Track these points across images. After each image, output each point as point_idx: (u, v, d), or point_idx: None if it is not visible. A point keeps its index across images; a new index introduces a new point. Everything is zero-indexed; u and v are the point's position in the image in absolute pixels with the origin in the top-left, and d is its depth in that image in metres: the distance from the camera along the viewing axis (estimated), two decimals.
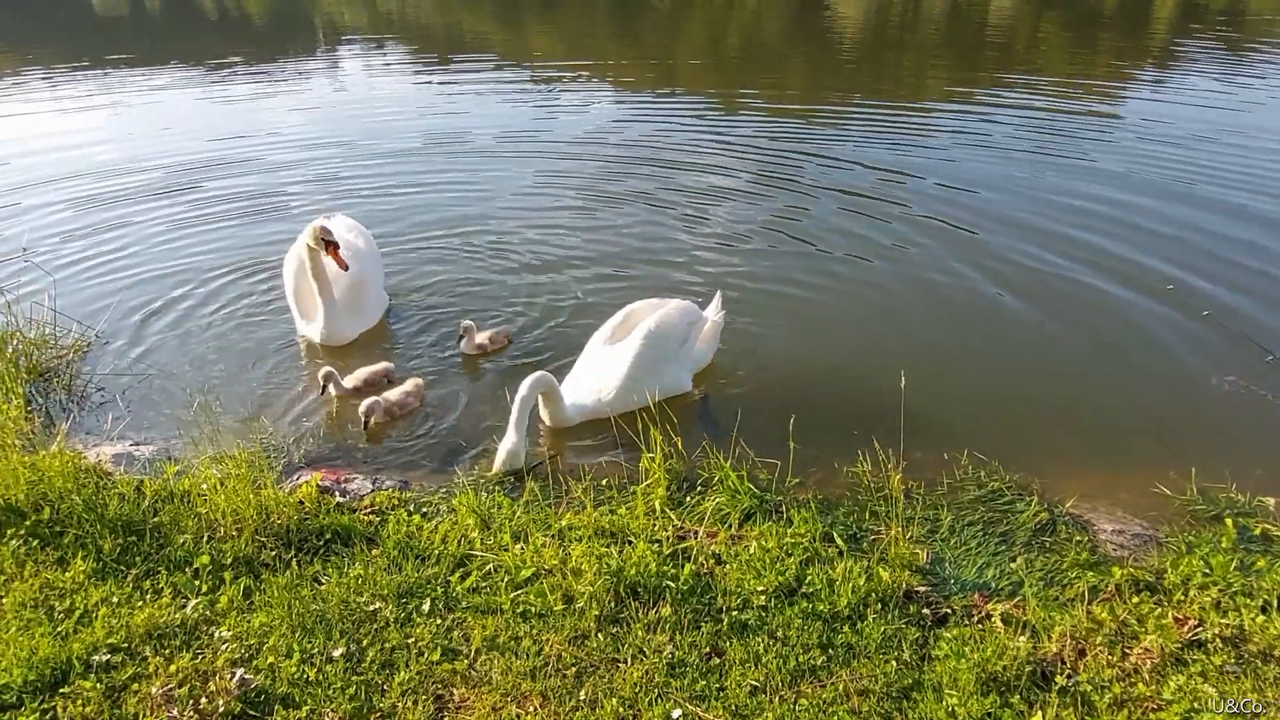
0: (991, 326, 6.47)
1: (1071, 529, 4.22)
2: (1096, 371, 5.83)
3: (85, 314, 6.44)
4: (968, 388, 5.66)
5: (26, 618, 3.46)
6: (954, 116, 12.54)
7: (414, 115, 13.39)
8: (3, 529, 3.92)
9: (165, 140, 11.83)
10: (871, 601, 3.62)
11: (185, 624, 3.46)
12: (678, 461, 4.51)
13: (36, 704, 3.08)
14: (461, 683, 3.25)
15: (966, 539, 4.16)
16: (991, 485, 4.56)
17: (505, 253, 7.77)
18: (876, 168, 9.98)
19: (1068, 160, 10.15)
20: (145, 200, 9.27)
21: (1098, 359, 5.97)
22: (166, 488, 4.25)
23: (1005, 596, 3.73)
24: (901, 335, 6.34)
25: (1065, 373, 5.81)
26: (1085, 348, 6.10)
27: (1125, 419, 5.29)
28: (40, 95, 15.50)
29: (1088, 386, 5.66)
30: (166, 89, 15.93)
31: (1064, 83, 14.90)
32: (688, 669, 3.28)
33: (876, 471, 4.47)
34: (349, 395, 5.37)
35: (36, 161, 10.86)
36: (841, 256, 7.63)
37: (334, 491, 4.44)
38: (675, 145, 11.24)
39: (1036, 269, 7.22)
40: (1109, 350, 6.05)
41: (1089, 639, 3.41)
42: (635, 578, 3.67)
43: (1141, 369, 5.82)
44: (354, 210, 8.32)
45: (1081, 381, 5.72)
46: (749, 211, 8.78)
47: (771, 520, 4.16)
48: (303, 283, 6.14)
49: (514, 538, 3.99)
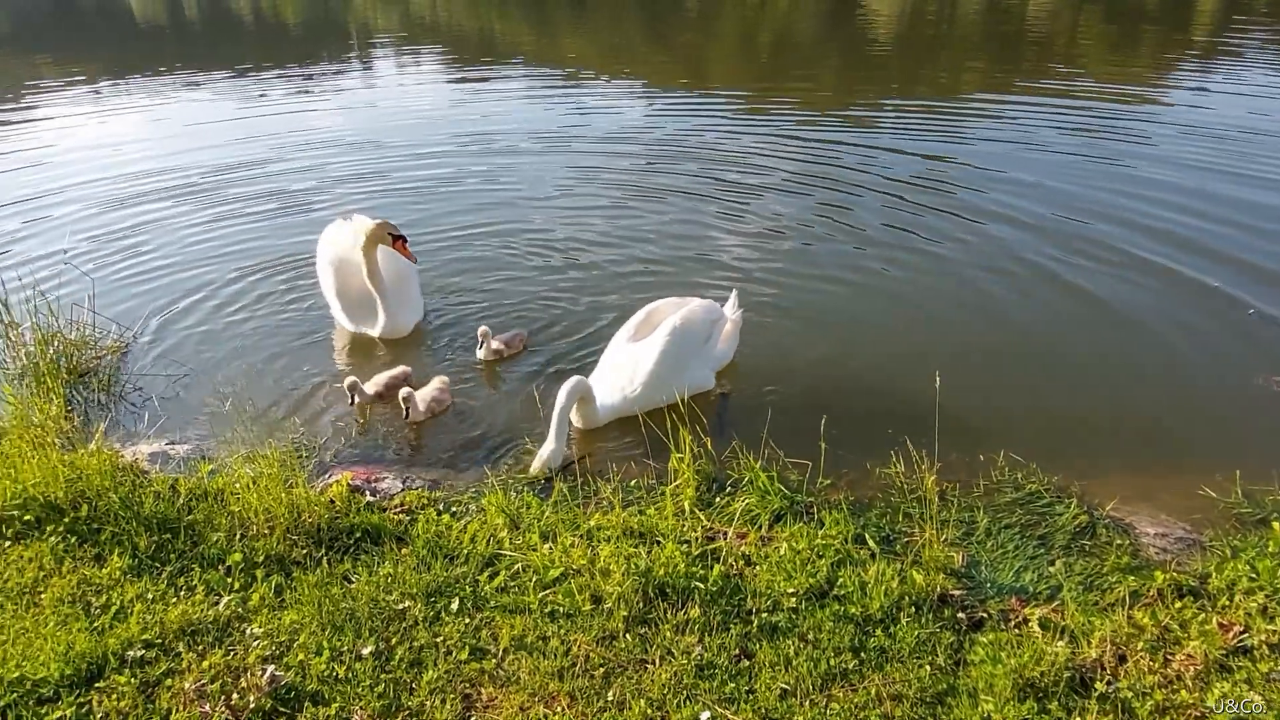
0: (1028, 325, 6.34)
1: (1112, 532, 4.12)
2: (1138, 371, 5.69)
3: (124, 314, 6.56)
4: (1005, 387, 5.55)
5: (64, 613, 3.52)
6: (992, 114, 12.37)
7: (445, 116, 13.51)
8: (42, 525, 4.00)
9: (202, 143, 12.01)
10: (905, 605, 3.56)
11: (218, 621, 3.49)
12: (707, 463, 4.47)
13: (73, 698, 3.12)
14: (489, 682, 3.24)
15: (1003, 542, 4.07)
16: (1029, 487, 4.46)
17: (534, 252, 7.79)
18: (912, 165, 9.86)
19: (1108, 159, 9.93)
20: (182, 202, 9.43)
21: (1140, 358, 5.83)
22: (201, 486, 4.31)
23: (1043, 601, 3.65)
24: (937, 333, 6.25)
25: (1106, 372, 5.68)
26: (1126, 347, 5.96)
27: (1168, 420, 5.15)
28: (83, 101, 15.84)
29: (1129, 387, 5.52)
30: (204, 94, 16.21)
31: (1105, 79, 14.61)
32: (717, 671, 3.25)
33: (910, 473, 4.40)
34: (372, 401, 5.39)
35: (78, 166, 11.09)
36: (876, 254, 7.56)
37: (364, 490, 4.47)
38: (708, 144, 11.21)
39: (1076, 267, 7.07)
40: (1151, 349, 5.90)
41: (1130, 645, 3.32)
42: (664, 578, 3.64)
43: (1185, 369, 5.68)
44: (387, 209, 8.42)
45: (1123, 381, 5.58)
46: (783, 209, 8.72)
47: (802, 522, 4.11)
48: (347, 282, 6.21)
49: (542, 538, 3.98)
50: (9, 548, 3.91)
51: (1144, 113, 12.22)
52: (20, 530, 3.99)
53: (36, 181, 10.44)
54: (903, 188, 9.14)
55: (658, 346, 5.20)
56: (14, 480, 4.13)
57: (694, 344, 5.39)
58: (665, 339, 5.22)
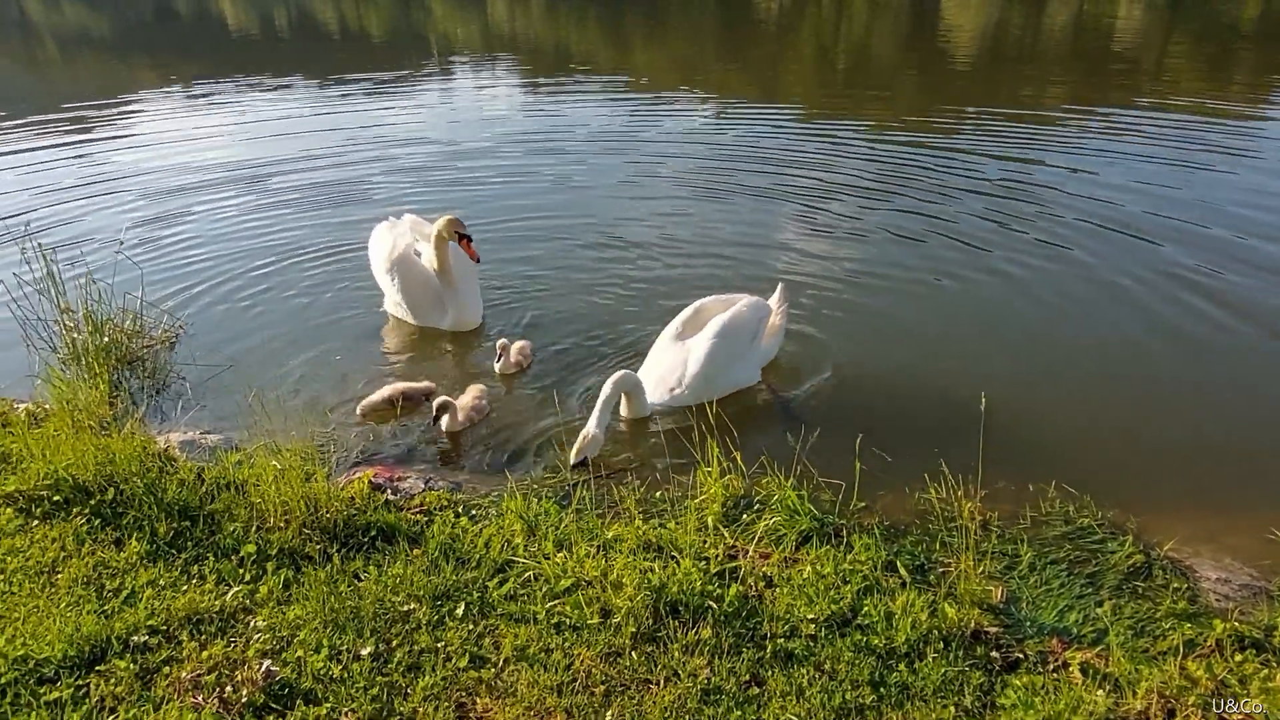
0: (1091, 349, 5.98)
1: (1169, 574, 3.80)
2: (1207, 405, 5.31)
3: (176, 306, 6.72)
4: (1061, 414, 5.23)
5: (77, 594, 3.54)
6: (1074, 133, 11.85)
7: (519, 124, 13.60)
8: (70, 507, 4.05)
9: (278, 144, 12.35)
10: (933, 639, 3.32)
11: (224, 611, 3.46)
12: (736, 477, 4.30)
13: (72, 679, 3.12)
14: (486, 692, 3.13)
15: (1048, 578, 3.79)
16: (1081, 521, 4.16)
17: (592, 249, 7.88)
18: (987, 181, 9.52)
19: (1193, 185, 9.33)
20: (247, 199, 9.67)
21: (1209, 391, 5.45)
22: (225, 476, 4.31)
23: (1087, 644, 3.37)
24: (992, 352, 6.01)
25: (1172, 405, 5.32)
26: (1196, 379, 5.60)
27: (1238, 457, 4.77)
28: (172, 101, 16.50)
29: (1196, 421, 5.14)
30: (286, 97, 16.69)
31: (1197, 101, 13.88)
32: (724, 697, 3.07)
33: (950, 499, 4.14)
34: (383, 407, 5.33)
35: (164, 164, 11.49)
36: (936, 267, 7.32)
37: (385, 489, 4.42)
38: (777, 150, 11.16)
39: (1148, 294, 6.66)
40: (1221, 383, 5.52)
41: (1180, 698, 3.03)
42: (677, 595, 3.48)
43: (1259, 405, 5.27)
44: (449, 207, 8.49)
45: (1190, 415, 5.21)
46: (848, 217, 8.60)
47: (830, 544, 3.90)
48: (409, 278, 6.24)
49: (557, 546, 3.86)
50: (35, 526, 3.97)
51: (1237, 136, 11.54)
52: (48, 510, 4.05)
53: (114, 174, 10.92)
54: (976, 203, 8.86)
55: (705, 348, 5.21)
56: (48, 461, 4.20)
57: (742, 343, 5.37)
58: (713, 340, 5.21)
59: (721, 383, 5.30)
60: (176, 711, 2.96)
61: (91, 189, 10.24)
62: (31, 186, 10.40)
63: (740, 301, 5.47)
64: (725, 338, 5.24)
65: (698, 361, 5.20)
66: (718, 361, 5.22)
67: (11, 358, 5.74)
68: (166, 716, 2.95)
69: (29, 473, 4.18)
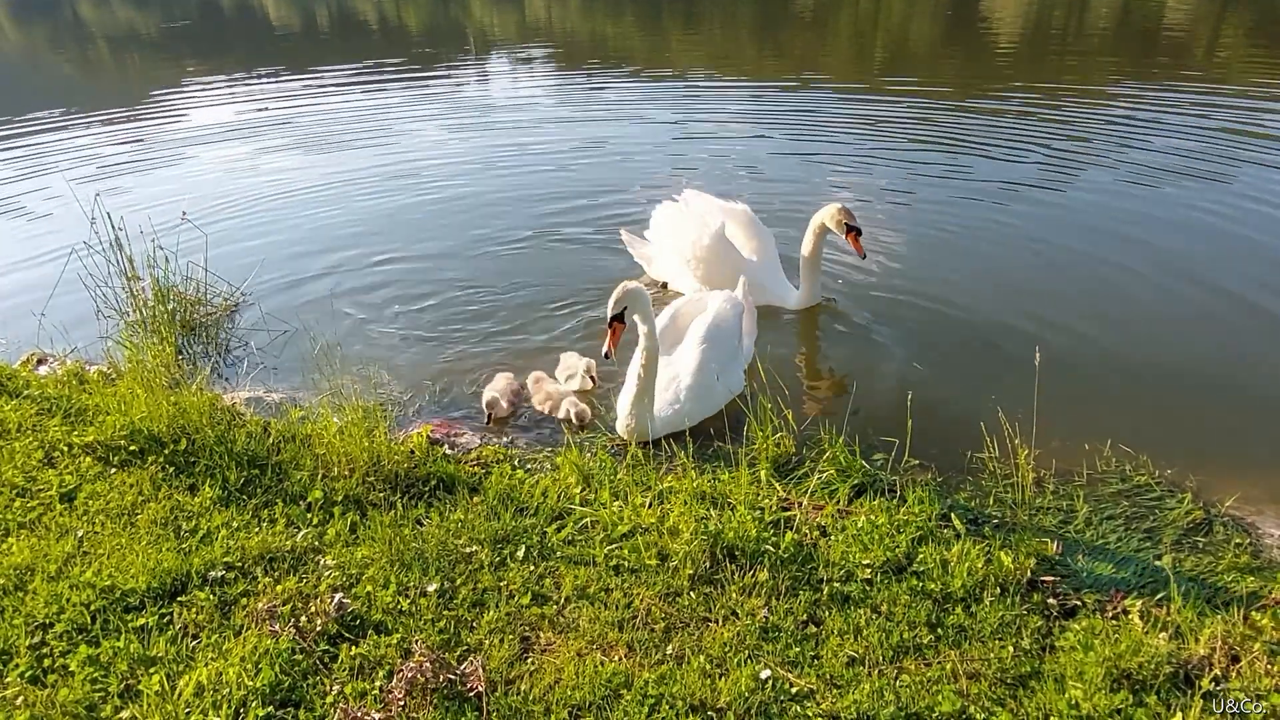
0: (1151, 309, 5.92)
1: (1230, 530, 3.77)
2: (1268, 363, 5.22)
3: (236, 274, 6.87)
4: (1118, 373, 5.16)
5: (156, 534, 3.69)
6: (1120, 124, 11.59)
7: (556, 115, 13.67)
8: (145, 455, 4.21)
9: (323, 131, 12.58)
10: (989, 585, 3.34)
11: (295, 550, 3.59)
12: (786, 435, 4.33)
13: (156, 608, 3.27)
14: (549, 627, 3.21)
15: (1104, 532, 3.78)
16: (1138, 479, 4.14)
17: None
18: (1035, 167, 9.33)
19: (1252, 176, 9.09)
20: (297, 179, 9.85)
21: (1271, 349, 5.36)
22: (290, 429, 4.45)
23: (1146, 594, 3.36)
24: (1047, 313, 5.88)
25: (1233, 362, 5.23)
26: (1257, 336, 5.50)
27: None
28: (219, 89, 16.87)
29: (1258, 379, 5.06)
30: (331, 87, 16.96)
31: (1248, 92, 13.53)
32: (782, 634, 3.12)
33: (1005, 457, 4.14)
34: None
35: (210, 147, 11.78)
36: (989, 237, 7.29)
37: (443, 443, 4.53)
38: (817, 138, 11.02)
39: (1210, 260, 6.54)
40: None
41: (1245, 646, 3.02)
42: (734, 541, 3.53)
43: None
44: (485, 199, 8.62)
45: (1251, 373, 5.12)
46: (894, 189, 8.58)
47: (883, 497, 3.92)
48: (726, 258, 6.13)
49: (613, 495, 3.93)
50: (114, 473, 4.13)
51: None
52: (126, 458, 4.21)
53: (170, 156, 11.21)
54: (1027, 169, 8.93)
55: (696, 357, 4.76)
56: (123, 414, 4.37)
57: (730, 345, 5.00)
58: (703, 348, 4.79)
59: (719, 394, 4.85)
60: (256, 638, 3.08)
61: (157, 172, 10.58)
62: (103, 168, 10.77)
63: (713, 302, 5.10)
64: (712, 345, 4.81)
65: (690, 372, 4.72)
66: (710, 372, 4.76)
67: (83, 323, 5.95)
68: (247, 641, 3.07)
69: (106, 425, 4.36)
